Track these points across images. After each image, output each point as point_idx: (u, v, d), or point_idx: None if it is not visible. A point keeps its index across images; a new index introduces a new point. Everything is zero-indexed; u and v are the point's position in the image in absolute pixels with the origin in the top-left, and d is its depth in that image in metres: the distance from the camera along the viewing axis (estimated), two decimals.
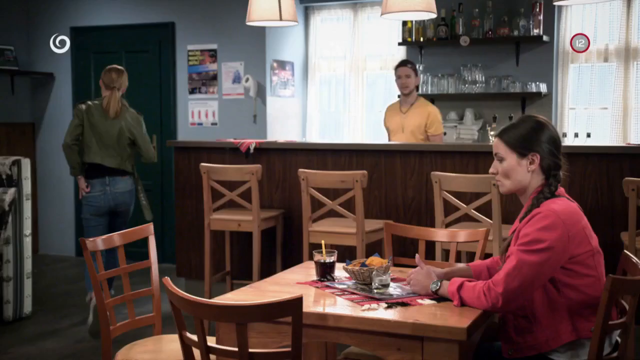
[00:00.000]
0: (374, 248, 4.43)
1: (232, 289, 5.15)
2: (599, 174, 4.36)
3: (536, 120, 2.49)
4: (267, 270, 4.89)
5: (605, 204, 4.35)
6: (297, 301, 1.93)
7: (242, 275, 5.23)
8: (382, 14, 4.44)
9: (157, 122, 7.03)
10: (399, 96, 5.64)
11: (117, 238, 3.06)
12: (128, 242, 3.11)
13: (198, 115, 6.92)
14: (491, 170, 2.55)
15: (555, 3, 4.08)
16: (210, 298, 2.52)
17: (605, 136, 6.20)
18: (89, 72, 7.31)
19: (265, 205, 5.15)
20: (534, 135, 2.44)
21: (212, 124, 6.87)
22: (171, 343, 3.00)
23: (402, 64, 5.41)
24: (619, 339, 2.38)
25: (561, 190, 2.45)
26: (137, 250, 4.36)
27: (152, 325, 3.16)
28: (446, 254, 4.05)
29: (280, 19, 4.78)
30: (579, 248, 2.31)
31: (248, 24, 4.95)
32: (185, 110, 6.97)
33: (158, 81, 7.04)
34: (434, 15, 4.56)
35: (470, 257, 4.06)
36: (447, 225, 4.14)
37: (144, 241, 3.17)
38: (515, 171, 2.46)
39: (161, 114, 7.04)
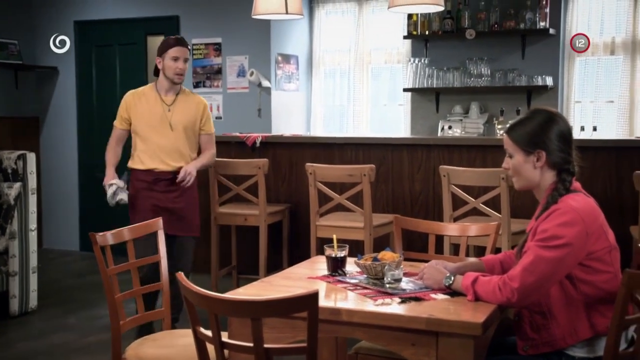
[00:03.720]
0: (381, 242, 4.42)
1: (238, 283, 5.15)
2: (608, 168, 4.35)
3: (545, 115, 2.44)
4: (273, 265, 4.89)
5: (613, 198, 4.34)
6: (313, 296, 1.91)
7: (248, 270, 5.22)
8: (389, 7, 4.41)
9: None
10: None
11: (126, 232, 3.05)
12: (137, 237, 3.10)
13: None
14: (504, 165, 2.53)
15: None
16: (216, 292, 2.47)
17: (611, 130, 6.18)
18: (91, 67, 7.29)
19: (271, 200, 5.14)
20: (540, 131, 2.40)
21: (217, 117, 6.84)
22: (181, 338, 2.98)
23: (181, 42, 4.20)
24: (634, 335, 2.36)
25: (577, 185, 2.43)
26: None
27: (161, 319, 3.15)
28: (454, 248, 4.04)
29: (287, 12, 4.76)
30: (596, 244, 2.29)
31: (254, 17, 4.92)
32: None
33: None
34: (441, 8, 4.54)
35: (478, 251, 4.05)
36: (455, 219, 4.12)
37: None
38: (524, 168, 2.44)
39: None
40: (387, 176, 4.86)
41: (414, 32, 6.50)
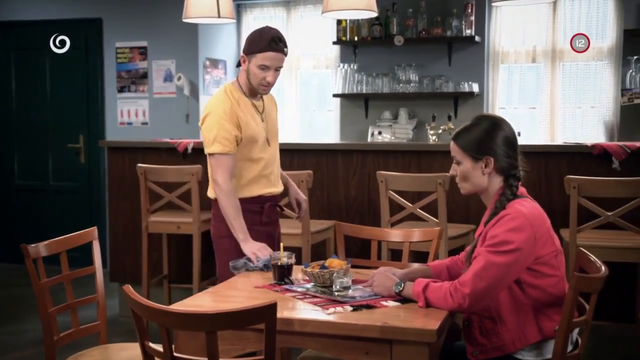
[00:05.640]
0: (318, 248, 4.38)
1: (170, 293, 5.01)
2: (537, 172, 4.45)
3: (490, 121, 2.48)
4: (207, 273, 4.78)
5: (543, 202, 4.41)
6: (272, 307, 1.86)
7: (181, 279, 5.09)
8: (322, 12, 4.39)
9: (84, 122, 6.79)
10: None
11: (59, 243, 2.90)
12: (71, 248, 2.97)
13: (127, 114, 6.71)
14: (451, 172, 2.54)
15: (494, 4, 4.14)
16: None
17: (535, 135, 6.36)
18: (10, 70, 6.98)
19: (203, 207, 5.02)
20: (487, 138, 2.43)
21: (143, 123, 6.68)
22: (119, 352, 2.87)
23: (276, 46, 3.06)
24: (579, 337, 2.41)
25: (523, 190, 2.47)
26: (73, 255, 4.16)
27: (96, 333, 3.02)
28: (392, 253, 4.05)
29: (219, 16, 4.67)
30: (544, 249, 2.32)
31: (185, 21, 4.82)
32: (113, 109, 6.74)
33: (85, 79, 6.79)
34: (374, 14, 4.55)
35: (416, 256, 4.06)
36: (392, 225, 4.14)
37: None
38: (472, 174, 2.45)
39: (88, 113, 6.79)
40: (322, 182, 4.83)
41: (343, 38, 6.52)
